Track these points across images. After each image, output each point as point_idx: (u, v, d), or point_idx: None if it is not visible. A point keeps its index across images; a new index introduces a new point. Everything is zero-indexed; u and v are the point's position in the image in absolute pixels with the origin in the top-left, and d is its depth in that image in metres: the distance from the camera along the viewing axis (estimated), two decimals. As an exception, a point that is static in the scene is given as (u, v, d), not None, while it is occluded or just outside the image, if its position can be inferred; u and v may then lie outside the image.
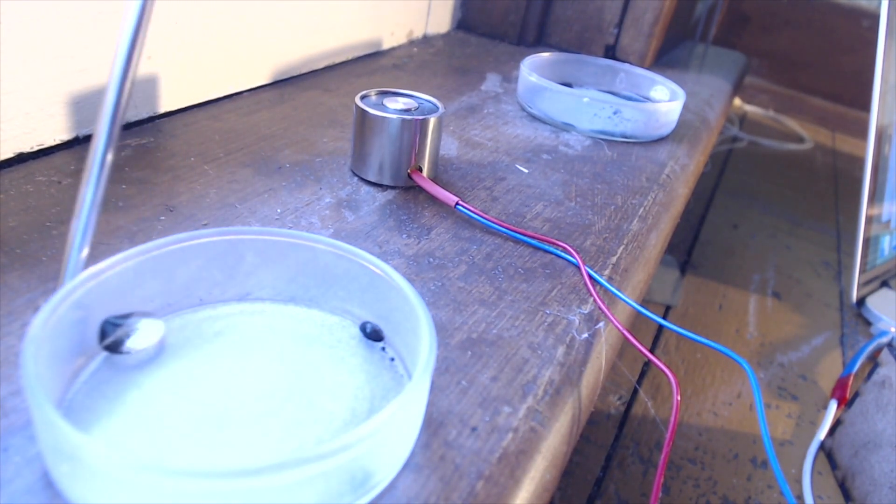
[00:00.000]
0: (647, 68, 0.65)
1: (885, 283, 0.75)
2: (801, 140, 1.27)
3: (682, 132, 0.56)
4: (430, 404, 0.23)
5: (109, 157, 0.22)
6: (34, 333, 0.19)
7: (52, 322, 0.20)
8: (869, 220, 0.70)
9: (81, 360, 0.22)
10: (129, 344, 0.23)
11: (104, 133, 0.21)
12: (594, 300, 0.31)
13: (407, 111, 0.37)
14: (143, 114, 0.41)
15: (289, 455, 0.16)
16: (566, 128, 0.52)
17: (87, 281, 0.21)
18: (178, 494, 0.16)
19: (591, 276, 0.33)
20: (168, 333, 0.24)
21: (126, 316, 0.23)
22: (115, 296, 0.22)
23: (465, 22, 0.77)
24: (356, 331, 0.26)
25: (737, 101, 1.35)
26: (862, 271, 0.71)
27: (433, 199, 0.37)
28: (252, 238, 0.25)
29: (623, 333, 0.30)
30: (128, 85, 0.21)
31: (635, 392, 0.56)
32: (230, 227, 0.26)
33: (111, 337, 0.22)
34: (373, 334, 0.25)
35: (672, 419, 0.26)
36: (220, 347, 0.24)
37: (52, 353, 0.20)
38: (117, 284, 0.22)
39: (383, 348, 0.25)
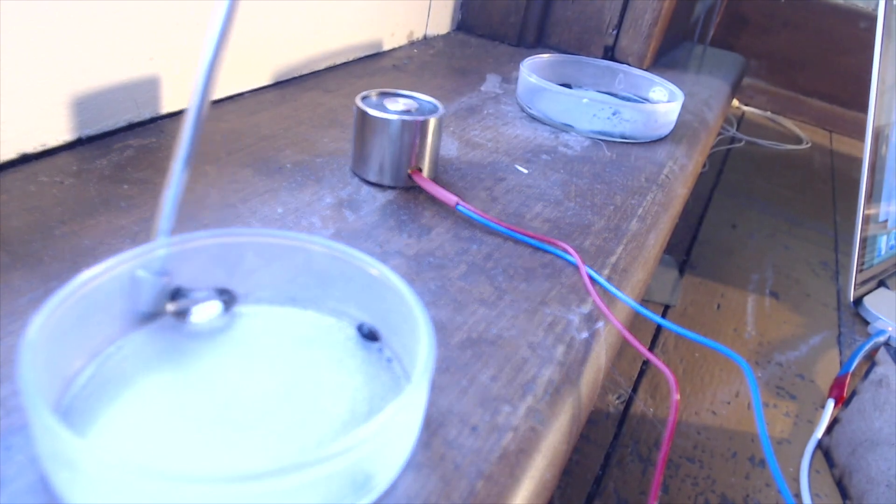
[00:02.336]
0: (646, 69, 0.66)
1: (882, 283, 0.75)
2: (798, 140, 1.27)
3: (680, 133, 0.56)
4: (430, 404, 0.24)
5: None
6: (31, 338, 0.19)
7: (49, 325, 0.20)
8: (866, 219, 0.70)
9: (80, 362, 0.22)
10: (194, 316, 0.24)
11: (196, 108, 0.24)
12: (593, 300, 0.31)
13: (407, 112, 0.37)
14: (146, 114, 0.41)
15: (291, 458, 0.16)
16: (565, 128, 0.52)
17: (85, 284, 0.21)
18: (179, 499, 0.16)
19: (590, 276, 0.33)
20: (163, 336, 0.24)
21: (193, 290, 0.24)
22: (114, 298, 0.22)
23: (465, 23, 0.77)
24: (353, 332, 0.26)
25: (735, 102, 1.35)
26: (859, 271, 0.71)
27: (433, 200, 0.37)
28: (249, 240, 0.25)
29: (622, 333, 0.31)
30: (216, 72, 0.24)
31: (634, 392, 0.56)
32: (227, 229, 0.26)
33: (180, 304, 0.24)
34: (369, 335, 0.25)
35: (671, 418, 0.27)
36: (218, 350, 0.24)
37: (50, 356, 0.20)
38: (115, 287, 0.22)
39: (380, 349, 0.25)
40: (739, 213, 0.94)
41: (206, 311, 0.25)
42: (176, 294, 0.24)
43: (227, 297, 0.25)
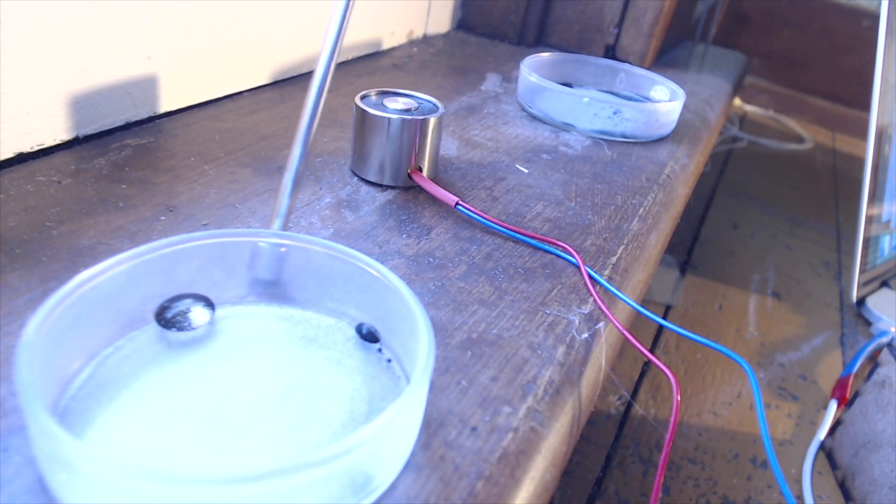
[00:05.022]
0: (647, 68, 0.65)
1: (885, 283, 0.75)
2: (800, 140, 1.27)
3: (682, 132, 0.56)
4: (429, 404, 0.23)
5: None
6: (28, 339, 0.19)
7: (46, 326, 0.20)
8: (869, 219, 0.70)
9: (77, 363, 0.22)
10: (183, 322, 0.24)
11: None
12: (594, 300, 0.31)
13: (407, 111, 0.37)
14: (144, 114, 0.41)
15: (290, 460, 0.16)
16: (566, 128, 0.52)
17: (83, 284, 0.21)
18: (177, 501, 0.16)
19: (591, 276, 0.33)
20: (167, 335, 0.24)
21: (179, 297, 0.25)
22: (111, 299, 0.22)
23: (465, 22, 0.77)
24: (352, 332, 0.26)
25: (737, 101, 1.35)
26: (862, 271, 0.71)
27: (433, 199, 0.37)
28: (248, 240, 0.25)
29: (623, 333, 0.30)
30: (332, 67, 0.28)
31: (635, 392, 0.56)
32: (226, 230, 0.25)
33: (168, 313, 0.24)
34: (368, 335, 0.25)
35: (672, 419, 0.26)
36: (216, 350, 0.24)
37: (47, 357, 0.20)
38: (112, 288, 0.22)
39: (380, 349, 0.25)
40: (741, 213, 0.94)
41: (196, 318, 0.25)
42: (163, 307, 0.24)
43: (207, 304, 0.25)
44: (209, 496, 0.16)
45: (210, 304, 0.25)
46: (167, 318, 0.24)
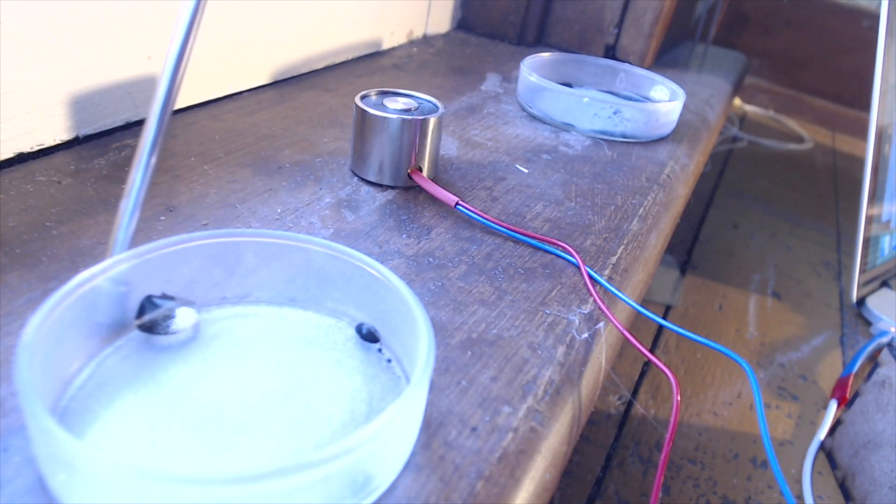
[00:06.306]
0: (647, 68, 0.65)
1: (885, 283, 0.75)
2: (800, 140, 1.27)
3: (682, 132, 0.56)
4: (429, 404, 0.23)
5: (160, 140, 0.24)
6: (28, 339, 0.19)
7: (46, 326, 0.20)
8: (869, 219, 0.70)
9: (77, 363, 0.22)
10: (165, 327, 0.24)
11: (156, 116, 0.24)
12: (594, 300, 0.31)
13: (407, 111, 0.37)
14: (143, 114, 0.41)
15: (290, 460, 0.16)
16: (566, 128, 0.52)
17: (82, 284, 0.21)
18: (177, 501, 0.16)
19: (591, 276, 0.33)
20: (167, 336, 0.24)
21: (165, 298, 0.24)
22: (111, 299, 0.22)
23: (465, 22, 0.77)
24: (352, 332, 0.26)
25: (737, 101, 1.35)
26: (862, 271, 0.71)
27: (433, 199, 0.37)
28: (248, 241, 0.25)
29: (623, 333, 0.30)
30: (180, 75, 0.25)
31: (635, 392, 0.56)
32: (226, 230, 0.25)
33: (148, 316, 0.23)
34: (368, 336, 0.25)
35: (672, 419, 0.26)
36: (216, 351, 0.24)
37: (47, 357, 0.20)
38: (112, 288, 0.22)
39: (380, 349, 0.25)
40: (741, 213, 0.94)
41: (181, 321, 0.24)
42: (143, 307, 0.23)
43: (179, 304, 0.24)
44: (209, 496, 0.16)
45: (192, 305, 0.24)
46: (150, 322, 0.23)
